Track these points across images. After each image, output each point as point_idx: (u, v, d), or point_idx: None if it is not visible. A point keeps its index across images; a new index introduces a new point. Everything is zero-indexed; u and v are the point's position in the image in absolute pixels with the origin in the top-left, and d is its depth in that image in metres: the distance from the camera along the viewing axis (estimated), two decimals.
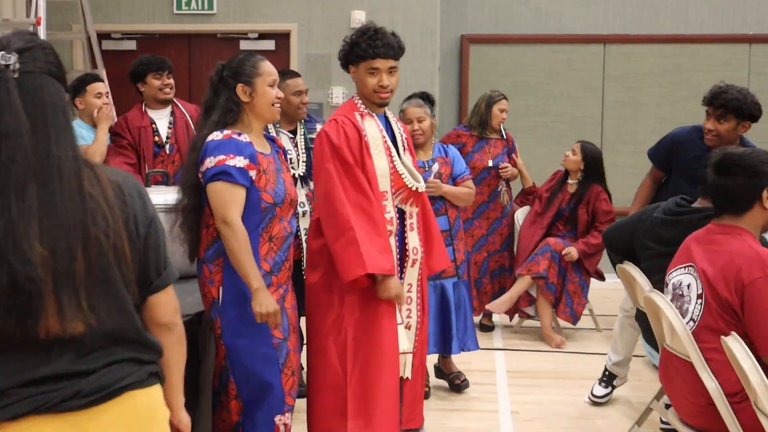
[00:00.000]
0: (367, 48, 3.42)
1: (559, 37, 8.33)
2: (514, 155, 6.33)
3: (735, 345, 2.77)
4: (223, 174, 3.01)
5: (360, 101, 3.56)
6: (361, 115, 3.51)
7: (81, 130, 4.83)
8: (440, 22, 7.77)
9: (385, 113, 3.64)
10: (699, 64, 7.93)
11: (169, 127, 5.04)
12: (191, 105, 5.27)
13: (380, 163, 3.48)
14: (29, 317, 1.67)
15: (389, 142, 3.54)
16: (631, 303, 4.49)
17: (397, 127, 3.66)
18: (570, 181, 6.12)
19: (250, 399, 3.13)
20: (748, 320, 2.98)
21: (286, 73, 4.63)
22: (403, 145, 3.64)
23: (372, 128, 3.50)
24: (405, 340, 3.54)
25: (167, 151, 4.98)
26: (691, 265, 3.22)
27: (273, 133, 4.66)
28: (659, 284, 3.50)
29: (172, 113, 5.09)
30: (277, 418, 3.15)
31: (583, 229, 6.08)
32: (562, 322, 6.30)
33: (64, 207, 1.71)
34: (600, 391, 4.66)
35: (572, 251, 5.94)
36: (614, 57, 8.30)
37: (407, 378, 3.66)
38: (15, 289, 1.65)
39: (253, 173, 3.06)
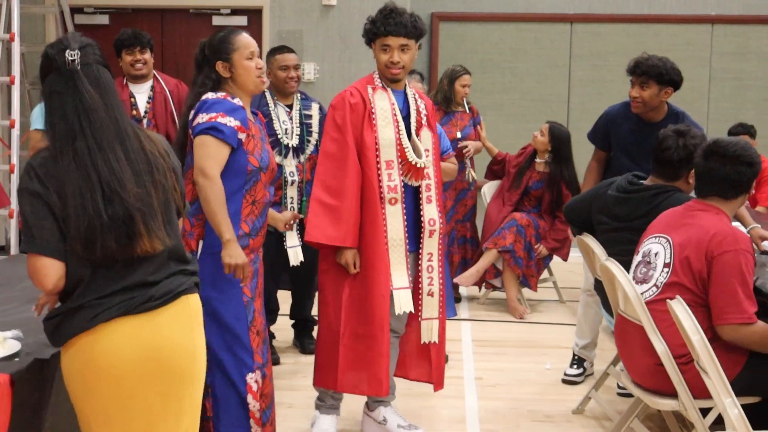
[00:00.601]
0: (381, 26, 3.63)
1: (527, 15, 8.49)
2: (479, 127, 6.51)
3: (678, 307, 2.96)
4: (213, 129, 3.10)
5: (377, 76, 3.74)
6: (374, 89, 3.70)
7: None
8: (410, 0, 7.89)
9: (405, 90, 3.80)
10: (662, 43, 8.10)
11: (148, 102, 5.13)
12: (172, 79, 5.34)
13: (386, 134, 3.64)
14: (131, 240, 2.21)
15: (399, 117, 3.69)
16: (590, 283, 4.69)
17: (415, 105, 3.80)
18: (538, 160, 6.31)
19: (223, 352, 3.22)
20: (710, 290, 3.16)
21: (275, 49, 5.06)
22: (420, 122, 3.79)
23: (382, 101, 3.68)
24: (407, 302, 3.68)
25: (144, 125, 5.06)
26: (663, 236, 3.39)
27: (272, 106, 4.87)
28: (614, 257, 3.68)
29: (152, 88, 5.18)
30: (249, 376, 3.26)
31: (547, 208, 6.28)
32: (527, 294, 6.49)
33: (138, 160, 2.28)
34: (572, 371, 4.84)
35: (543, 250, 6.20)
36: (580, 36, 8.47)
37: (434, 342, 3.84)
38: (124, 218, 2.20)
39: (243, 136, 3.16)
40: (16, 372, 2.26)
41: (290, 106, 4.94)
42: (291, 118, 4.89)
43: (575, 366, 4.85)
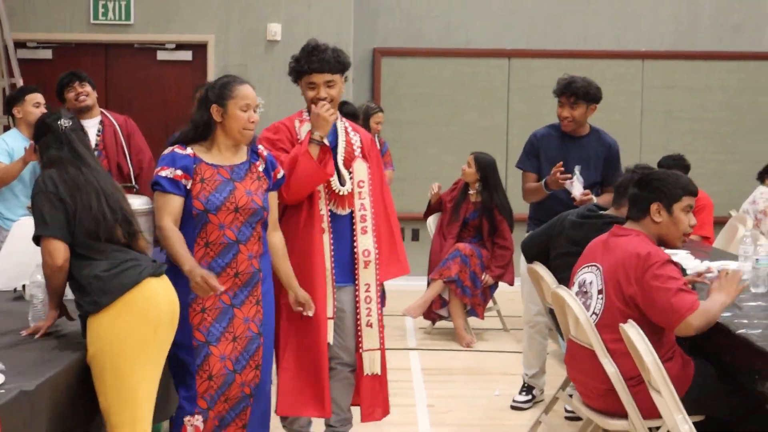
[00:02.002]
0: (305, 63, 3.70)
1: (466, 51, 8.73)
2: (385, 158, 6.73)
3: (631, 330, 3.13)
4: (156, 184, 3.33)
5: (306, 112, 3.83)
6: (301, 122, 3.79)
7: (17, 140, 4.97)
8: (353, 34, 8.06)
9: (335, 123, 3.83)
10: (595, 77, 8.05)
11: (97, 135, 5.21)
12: (120, 116, 5.43)
13: None
14: (132, 237, 3.15)
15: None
16: (531, 314, 4.93)
17: (345, 137, 3.84)
18: (471, 191, 6.52)
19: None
20: (648, 307, 3.34)
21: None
22: (352, 154, 3.82)
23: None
24: (330, 333, 3.75)
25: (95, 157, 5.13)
26: (594, 264, 3.57)
27: None
28: (565, 281, 3.85)
29: (101, 122, 5.26)
30: (186, 419, 3.31)
31: (487, 236, 6.47)
32: (473, 323, 6.64)
33: (114, 192, 3.15)
34: (521, 398, 4.99)
35: (488, 279, 6.40)
36: (517, 70, 8.75)
37: (376, 373, 3.86)
38: (122, 219, 3.10)
39: (187, 182, 3.31)
40: (2, 404, 2.30)
41: None
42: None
43: (524, 393, 5.01)
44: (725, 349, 3.35)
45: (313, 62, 3.69)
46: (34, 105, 5.14)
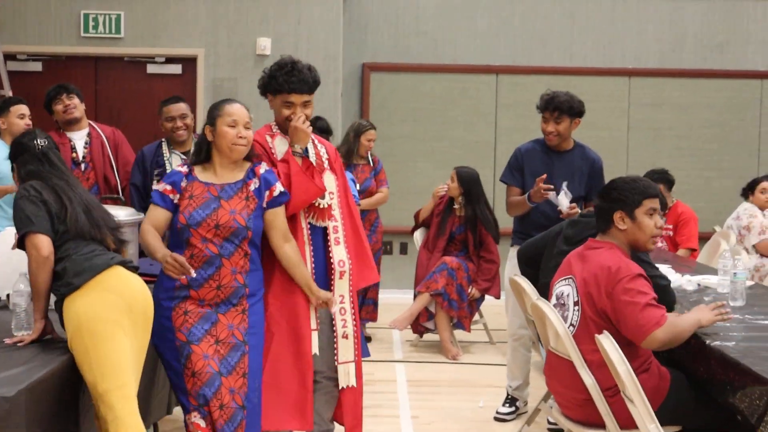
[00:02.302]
0: (284, 83, 3.68)
1: (455, 66, 8.80)
2: (378, 176, 6.76)
3: (605, 341, 3.17)
4: (151, 197, 3.61)
5: (275, 125, 3.84)
6: (272, 136, 3.79)
7: (2, 151, 4.98)
8: (343, 49, 8.12)
9: None
10: (582, 94, 8.13)
11: (85, 147, 5.25)
12: (108, 127, 5.47)
13: None
14: (122, 245, 3.38)
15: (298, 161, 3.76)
16: (515, 327, 4.98)
17: (314, 150, 3.87)
18: (455, 205, 6.58)
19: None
20: (617, 320, 3.38)
21: (163, 101, 5.23)
22: (321, 166, 3.84)
23: (282, 146, 3.76)
24: (314, 344, 3.72)
25: (82, 169, 5.18)
26: (570, 277, 3.62)
27: (167, 155, 5.04)
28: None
29: (89, 134, 5.30)
30: (187, 417, 3.43)
31: (473, 250, 6.52)
32: (459, 336, 6.68)
33: (98, 204, 3.39)
34: (504, 409, 5.03)
35: (475, 292, 6.46)
36: (506, 86, 8.82)
37: (352, 386, 3.84)
38: (115, 231, 3.34)
39: (174, 197, 3.53)
40: None
41: (186, 153, 5.01)
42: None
43: (507, 404, 5.04)
44: (700, 361, 3.39)
45: (293, 83, 3.69)
46: (19, 116, 5.18)
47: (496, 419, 4.97)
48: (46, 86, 5.44)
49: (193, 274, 3.38)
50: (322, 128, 6.06)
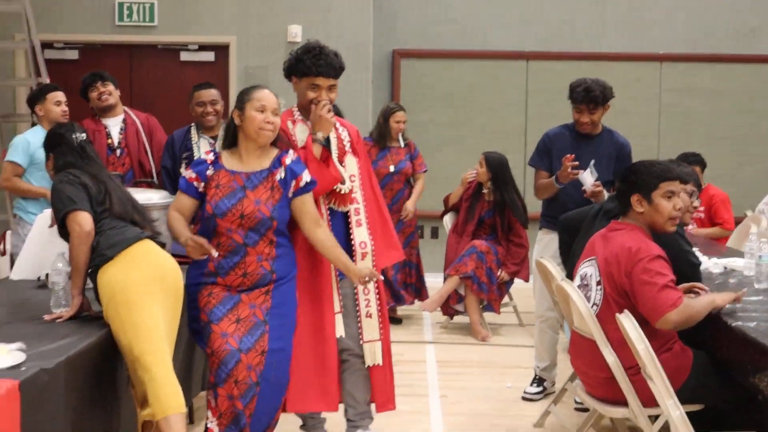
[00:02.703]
0: (311, 66, 3.73)
1: (485, 52, 8.83)
2: (416, 161, 6.81)
3: (626, 320, 3.23)
4: (179, 183, 3.68)
5: (297, 111, 3.88)
6: (293, 122, 3.84)
7: (39, 138, 5.11)
8: (372, 36, 8.19)
9: None
10: (613, 80, 8.15)
11: (120, 133, 5.37)
12: (142, 113, 5.59)
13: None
14: (149, 222, 3.54)
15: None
16: (543, 309, 5.02)
17: (334, 133, 3.89)
18: (484, 190, 6.63)
19: None
20: (636, 299, 3.44)
21: (194, 86, 5.39)
22: (343, 149, 3.89)
23: (302, 134, 3.81)
24: (339, 326, 3.81)
25: (118, 155, 5.31)
26: (593, 258, 3.68)
27: (195, 139, 5.14)
28: None
29: (124, 120, 5.42)
30: (207, 392, 3.57)
31: (502, 234, 6.58)
32: (488, 318, 6.74)
33: (132, 197, 3.56)
34: (532, 389, 5.10)
35: (504, 275, 6.53)
36: (536, 72, 8.83)
37: (378, 364, 3.90)
38: (145, 218, 3.53)
39: (199, 185, 3.59)
40: (24, 380, 2.45)
41: (215, 138, 5.20)
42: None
43: (535, 385, 5.11)
44: (722, 341, 3.43)
45: (321, 66, 3.73)
46: (55, 103, 5.28)
47: (524, 399, 5.04)
48: (82, 74, 5.56)
49: (215, 254, 3.45)
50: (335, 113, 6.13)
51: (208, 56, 8.09)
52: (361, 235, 3.89)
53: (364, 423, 4.03)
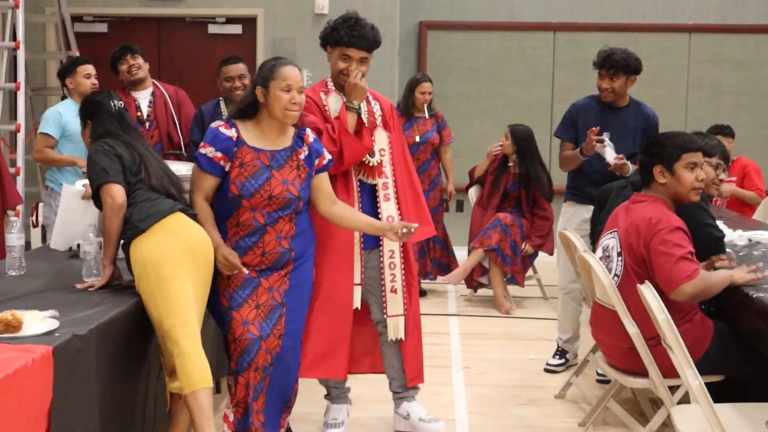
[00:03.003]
0: (345, 35, 3.72)
1: (512, 24, 8.80)
2: (443, 132, 6.85)
3: (646, 291, 3.26)
4: (196, 159, 3.48)
5: (330, 81, 3.88)
6: (326, 93, 3.84)
7: (71, 110, 5.22)
8: (399, 8, 8.18)
9: None
10: (641, 51, 8.14)
11: (149, 106, 5.45)
12: (171, 86, 5.66)
13: None
14: (181, 193, 3.47)
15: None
16: (566, 281, 5.06)
17: (367, 106, 3.88)
18: (510, 163, 6.65)
19: None
20: (653, 269, 3.47)
21: (222, 61, 5.40)
22: (374, 123, 3.88)
23: (335, 104, 3.82)
24: (356, 298, 3.83)
25: (147, 127, 5.39)
26: (615, 230, 3.71)
27: (225, 114, 5.09)
28: None
29: (153, 93, 5.49)
30: (228, 378, 3.54)
31: (526, 207, 6.60)
32: (512, 291, 6.78)
33: (158, 160, 3.53)
34: (555, 361, 5.15)
35: (528, 248, 6.56)
36: (563, 44, 8.80)
37: (401, 339, 3.92)
38: (180, 191, 3.48)
39: (225, 165, 3.42)
40: (57, 345, 2.53)
41: None
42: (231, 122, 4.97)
43: (557, 356, 5.15)
44: (742, 312, 3.45)
45: (354, 36, 3.72)
46: (85, 76, 5.38)
47: (546, 371, 5.09)
48: (112, 47, 5.63)
49: (246, 273, 3.42)
50: None
51: (236, 29, 8.13)
52: (388, 209, 3.88)
53: (409, 394, 4.06)
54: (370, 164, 3.84)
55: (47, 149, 5.28)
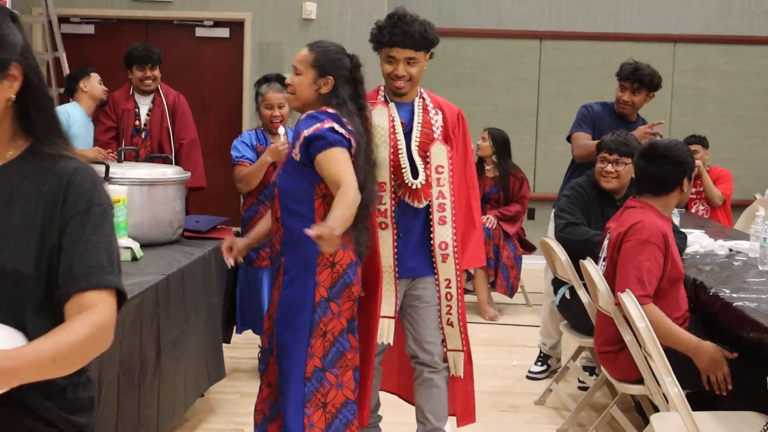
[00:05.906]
0: (387, 34, 3.30)
1: (498, 32, 8.85)
2: None
3: (627, 298, 3.30)
4: (339, 141, 3.02)
5: (382, 89, 3.48)
6: (372, 104, 3.37)
7: (77, 109, 5.31)
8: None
9: (413, 102, 3.47)
10: (626, 60, 8.48)
11: (147, 115, 5.50)
12: (172, 92, 5.70)
13: (381, 153, 3.30)
14: None
15: (399, 134, 3.37)
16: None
17: (421, 118, 3.44)
18: (487, 166, 6.68)
19: None
20: (617, 269, 3.55)
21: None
22: (430, 137, 3.43)
23: (380, 118, 3.37)
24: (389, 332, 3.40)
25: (143, 137, 5.46)
26: (608, 236, 3.77)
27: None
28: None
29: (153, 101, 5.54)
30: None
31: (508, 204, 6.66)
32: (496, 297, 6.81)
33: None
34: (536, 368, 5.18)
35: (490, 217, 6.52)
36: (549, 52, 8.86)
37: (459, 376, 3.55)
38: None
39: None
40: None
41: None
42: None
43: (539, 363, 5.19)
44: (722, 320, 3.49)
45: (397, 34, 3.28)
46: (99, 81, 5.59)
47: (528, 378, 5.12)
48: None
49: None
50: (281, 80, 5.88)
51: (224, 32, 8.14)
52: (442, 234, 3.40)
53: (441, 425, 3.58)
54: (413, 186, 3.36)
55: None
